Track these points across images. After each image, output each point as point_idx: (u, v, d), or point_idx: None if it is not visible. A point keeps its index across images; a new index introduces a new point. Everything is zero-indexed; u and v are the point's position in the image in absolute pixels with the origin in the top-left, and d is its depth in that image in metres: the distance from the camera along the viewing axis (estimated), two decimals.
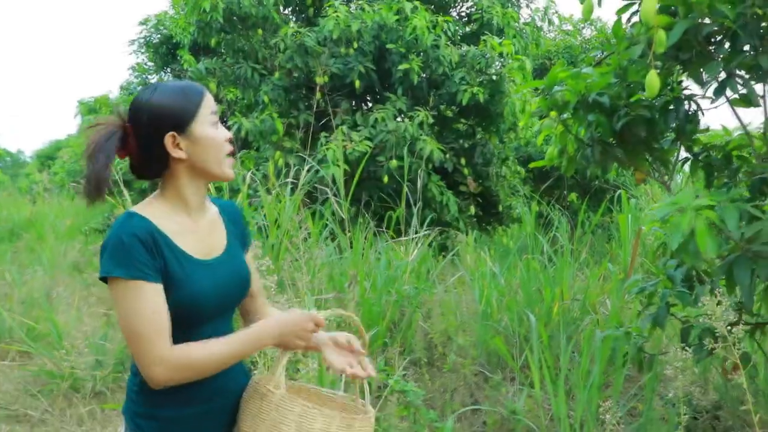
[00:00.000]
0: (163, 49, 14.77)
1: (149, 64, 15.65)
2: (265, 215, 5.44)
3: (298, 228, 5.11)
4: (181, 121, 1.66)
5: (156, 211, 1.69)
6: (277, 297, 3.70)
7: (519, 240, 8.69)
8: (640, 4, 2.95)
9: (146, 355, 1.55)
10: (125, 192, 5.65)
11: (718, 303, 2.29)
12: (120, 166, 12.24)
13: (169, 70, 15.39)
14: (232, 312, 1.88)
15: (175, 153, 1.67)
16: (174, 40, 13.80)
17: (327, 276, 5.07)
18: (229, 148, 1.73)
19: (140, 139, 1.67)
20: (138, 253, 1.57)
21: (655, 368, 3.65)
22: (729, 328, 3.40)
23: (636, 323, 3.82)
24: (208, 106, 1.70)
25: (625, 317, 4.96)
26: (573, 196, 10.28)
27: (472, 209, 8.84)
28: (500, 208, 9.38)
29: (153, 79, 16.11)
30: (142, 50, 15.10)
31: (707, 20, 2.55)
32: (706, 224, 2.45)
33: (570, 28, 14.99)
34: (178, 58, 13.25)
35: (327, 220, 6.06)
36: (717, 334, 3.31)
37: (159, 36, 14.68)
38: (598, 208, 8.91)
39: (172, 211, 1.71)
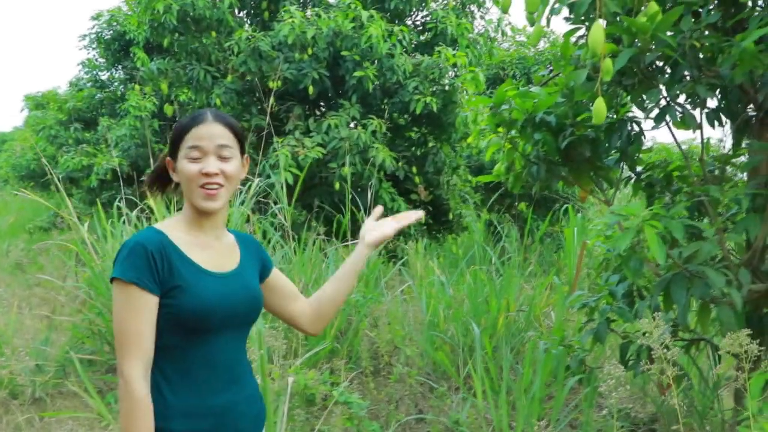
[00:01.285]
0: (116, 46, 14.51)
1: (100, 60, 15.35)
2: None
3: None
4: (172, 149, 1.85)
5: (174, 225, 1.84)
6: None
7: (468, 249, 8.78)
8: (586, 29, 3.04)
9: (119, 361, 1.68)
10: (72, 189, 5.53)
11: (655, 326, 2.34)
12: (67, 165, 12.03)
13: (120, 67, 15.14)
14: (244, 333, 1.93)
15: (172, 176, 1.87)
16: (127, 37, 13.57)
17: None
18: (203, 180, 1.80)
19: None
20: (139, 260, 1.69)
21: (594, 382, 3.74)
22: (664, 345, 3.51)
23: (578, 337, 3.91)
24: (192, 138, 1.80)
25: (569, 329, 5.07)
26: (523, 205, 10.44)
27: (423, 218, 8.88)
28: (450, 217, 9.46)
29: (103, 75, 15.83)
30: (94, 46, 14.79)
31: (650, 49, 2.62)
32: (654, 231, 2.52)
33: (524, 38, 15.18)
34: (131, 55, 13.05)
35: (275, 228, 6.04)
36: (653, 352, 3.43)
37: (111, 32, 14.41)
38: (547, 217, 9.07)
39: (188, 226, 1.85)
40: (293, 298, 2.10)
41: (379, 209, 2.28)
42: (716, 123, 3.11)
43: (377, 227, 2.18)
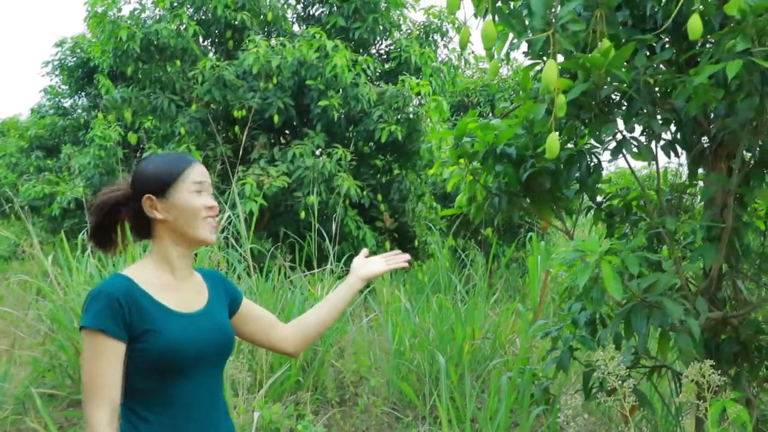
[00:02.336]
0: (79, 73, 14.39)
1: (63, 87, 15.21)
2: None
3: (213, 267, 5.05)
4: (160, 185, 1.83)
5: (141, 270, 1.84)
6: None
7: (434, 276, 8.82)
8: (544, 64, 3.11)
9: (85, 408, 1.69)
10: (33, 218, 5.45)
11: (610, 357, 2.37)
12: (29, 193, 11.85)
13: (84, 94, 15.01)
14: (218, 372, 1.93)
15: (151, 214, 1.84)
16: (91, 64, 13.47)
17: None
18: (207, 213, 1.87)
19: (130, 201, 1.87)
20: (106, 307, 1.70)
21: (557, 410, 3.76)
22: (621, 377, 3.56)
23: (542, 365, 3.93)
24: (193, 176, 1.86)
25: (534, 355, 5.10)
26: (489, 230, 10.52)
27: (388, 245, 8.92)
28: (416, 244, 9.50)
29: (66, 102, 15.68)
30: (57, 72, 14.66)
31: (604, 84, 2.69)
32: (611, 268, 2.57)
33: (487, 66, 15.41)
34: (95, 82, 12.94)
35: (242, 259, 6.00)
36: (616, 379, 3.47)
37: (75, 59, 14.31)
38: (512, 242, 9.15)
39: (157, 270, 1.86)
40: (271, 326, 2.11)
41: (365, 251, 2.38)
42: (672, 154, 3.19)
43: (367, 264, 2.27)
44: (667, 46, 3.10)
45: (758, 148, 2.95)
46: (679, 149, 3.26)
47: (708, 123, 3.17)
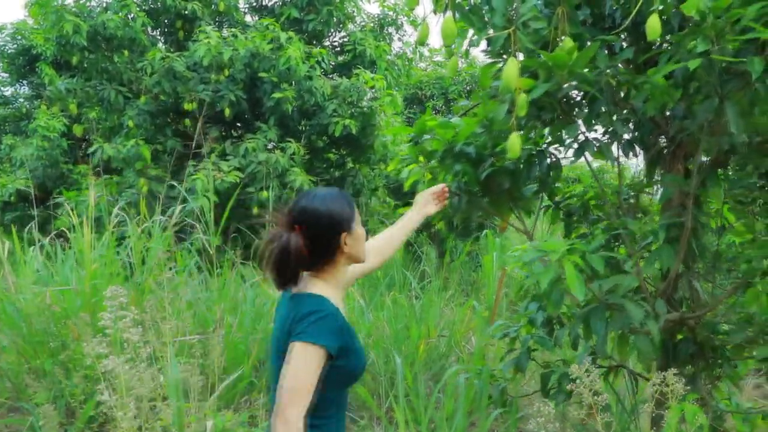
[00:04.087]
0: (21, 61, 13.92)
1: (3, 75, 14.69)
2: (131, 250, 5.19)
3: (164, 265, 4.90)
4: (349, 223, 2.07)
5: (325, 291, 2.05)
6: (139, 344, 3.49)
7: (388, 271, 8.76)
8: (504, 63, 3.05)
9: (288, 408, 1.86)
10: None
11: (587, 370, 2.35)
12: None
13: (26, 83, 14.54)
14: None
15: (345, 249, 2.06)
16: (34, 52, 13.03)
17: (192, 316, 4.87)
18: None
19: (316, 238, 2.02)
20: (331, 329, 1.94)
21: (515, 411, 3.74)
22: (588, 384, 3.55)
23: (500, 365, 3.90)
24: (356, 208, 2.15)
25: (491, 353, 5.08)
26: (441, 224, 10.49)
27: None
28: (367, 238, 9.41)
29: (7, 91, 15.15)
30: None
31: (567, 84, 2.65)
32: (574, 269, 2.54)
33: (441, 59, 15.39)
34: (38, 70, 12.53)
35: (194, 255, 5.85)
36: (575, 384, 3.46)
37: (16, 46, 13.82)
38: (465, 236, 9.14)
39: (335, 294, 2.08)
40: (357, 270, 2.39)
41: (442, 187, 2.81)
42: (630, 154, 3.18)
43: (427, 203, 2.75)
44: (624, 45, 3.08)
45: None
46: (637, 149, 3.25)
47: (666, 123, 3.16)
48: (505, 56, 2.95)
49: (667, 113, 3.12)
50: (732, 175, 3.45)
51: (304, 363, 1.89)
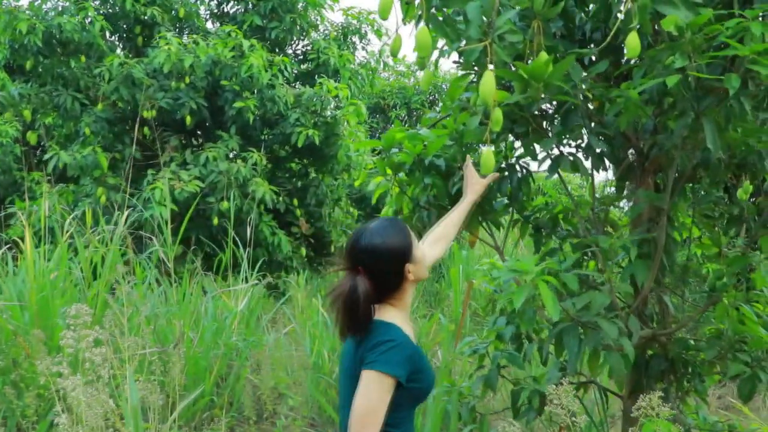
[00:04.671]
0: None
1: None
2: (79, 264, 5.01)
3: (123, 278, 4.74)
4: (410, 252, 2.14)
5: (393, 318, 2.10)
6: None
7: None
8: (476, 75, 3.00)
9: None
10: None
11: (567, 391, 2.30)
12: None
13: None
14: None
15: (410, 277, 2.13)
16: None
17: (152, 331, 4.72)
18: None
19: (380, 275, 2.09)
20: (404, 359, 1.99)
21: (486, 428, 3.68)
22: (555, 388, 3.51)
23: (468, 383, 3.84)
24: (411, 231, 2.19)
25: (457, 368, 5.02)
26: None
27: (303, 251, 8.73)
28: (332, 249, 9.33)
29: None
30: None
31: (541, 97, 2.60)
32: (549, 289, 2.49)
33: (403, 68, 15.38)
34: None
35: (152, 267, 5.69)
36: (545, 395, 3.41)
37: None
38: None
39: (403, 317, 2.15)
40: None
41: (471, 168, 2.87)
42: (600, 168, 3.15)
43: (479, 182, 2.82)
44: (593, 59, 3.05)
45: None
46: (607, 163, 3.22)
47: (636, 138, 3.14)
48: (476, 69, 2.90)
49: (639, 128, 3.10)
50: (699, 189, 3.46)
51: (376, 392, 1.96)
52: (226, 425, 4.46)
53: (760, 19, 2.40)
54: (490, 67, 2.43)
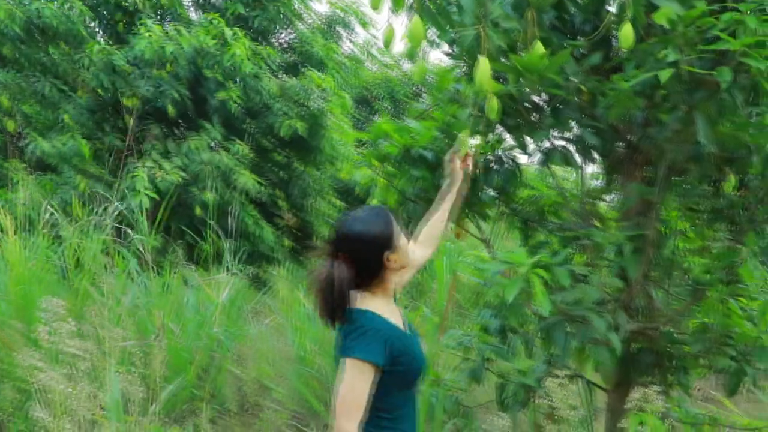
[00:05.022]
0: None
1: None
2: (63, 253, 4.93)
3: (105, 269, 4.67)
4: (391, 241, 2.16)
5: (374, 305, 2.14)
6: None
7: None
8: (467, 66, 2.97)
9: (343, 420, 1.98)
10: None
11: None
12: None
13: None
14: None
15: (390, 265, 2.16)
16: None
17: (133, 323, 4.65)
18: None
19: (360, 262, 2.11)
20: (376, 344, 2.03)
21: (472, 421, 3.66)
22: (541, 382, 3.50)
23: (454, 375, 3.83)
24: (395, 221, 2.21)
25: (440, 361, 5.00)
26: None
27: (287, 242, 8.68)
28: (316, 240, 9.28)
29: None
30: None
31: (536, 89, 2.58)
32: (540, 282, 2.47)
33: (389, 60, 15.31)
34: None
35: (133, 257, 5.61)
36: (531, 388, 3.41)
37: None
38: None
39: (384, 302, 2.19)
40: (414, 267, 2.45)
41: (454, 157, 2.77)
42: (589, 161, 3.14)
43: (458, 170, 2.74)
44: (582, 50, 3.03)
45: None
46: (595, 156, 3.21)
47: (626, 130, 3.13)
48: (466, 59, 2.87)
49: (628, 120, 3.09)
50: (686, 183, 3.45)
51: (354, 378, 2.00)
52: (207, 417, 4.42)
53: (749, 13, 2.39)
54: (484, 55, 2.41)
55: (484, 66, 2.33)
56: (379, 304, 2.15)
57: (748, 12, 2.27)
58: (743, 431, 3.66)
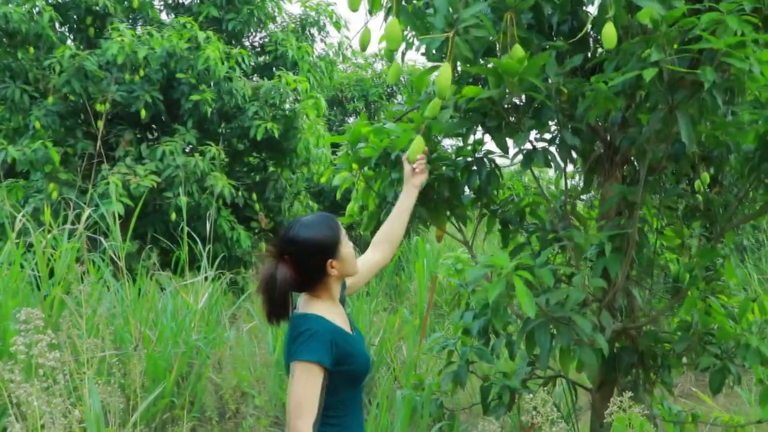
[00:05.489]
0: None
1: None
2: (36, 264, 4.83)
3: (80, 278, 4.58)
4: (334, 249, 2.24)
5: (320, 309, 2.22)
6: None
7: None
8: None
9: (296, 421, 2.06)
10: None
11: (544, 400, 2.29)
12: None
13: None
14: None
15: (332, 272, 2.24)
16: None
17: (110, 333, 4.56)
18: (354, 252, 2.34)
19: (303, 266, 2.21)
20: (321, 344, 2.10)
21: (457, 425, 3.65)
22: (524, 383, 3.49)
23: (438, 379, 3.81)
24: (342, 230, 2.28)
25: (422, 363, 4.98)
26: (363, 227, 10.36)
27: (263, 246, 8.60)
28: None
29: None
30: None
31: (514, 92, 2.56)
32: (524, 284, 2.46)
33: (361, 61, 15.28)
34: None
35: (106, 265, 5.52)
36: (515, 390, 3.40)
37: None
38: None
39: (328, 306, 2.27)
40: (365, 268, 2.55)
41: (406, 164, 2.76)
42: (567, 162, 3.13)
43: (414, 174, 2.72)
44: (559, 51, 3.02)
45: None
46: (574, 156, 3.20)
47: (605, 131, 3.13)
48: (444, 60, 2.86)
49: (606, 121, 3.09)
50: (665, 182, 3.46)
51: (303, 380, 2.08)
52: (187, 426, 4.35)
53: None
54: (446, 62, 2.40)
55: (445, 72, 2.33)
56: (323, 308, 2.23)
57: (727, 12, 2.27)
58: (725, 427, 3.69)
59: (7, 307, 4.43)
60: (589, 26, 2.84)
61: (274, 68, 9.08)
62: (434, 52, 2.80)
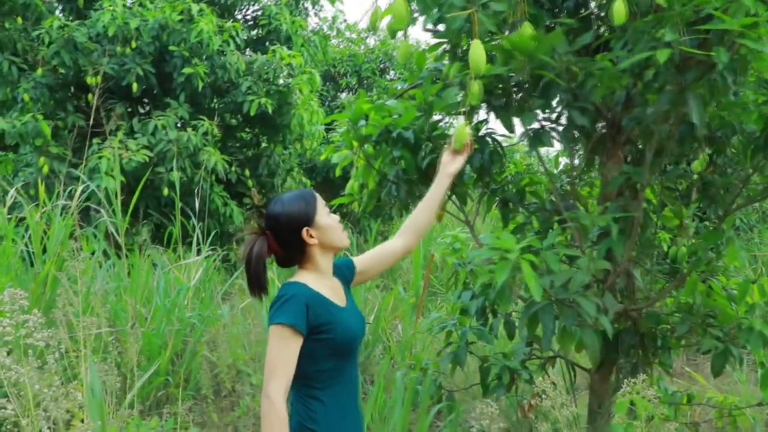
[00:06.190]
0: None
1: None
2: (30, 239, 4.76)
3: (74, 254, 4.52)
4: (309, 219, 2.28)
5: (307, 279, 2.26)
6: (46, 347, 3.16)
7: None
8: (450, 44, 2.90)
9: (267, 384, 2.07)
10: None
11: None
12: None
13: None
14: (358, 351, 2.41)
15: (311, 241, 2.27)
16: None
17: (105, 310, 4.51)
18: (338, 226, 2.35)
19: (281, 239, 2.27)
20: (296, 308, 2.12)
21: (458, 406, 3.64)
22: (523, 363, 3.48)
23: (437, 359, 3.79)
24: (321, 202, 2.34)
25: (418, 342, 4.97)
26: (356, 205, 10.33)
27: (254, 223, 8.55)
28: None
29: None
30: None
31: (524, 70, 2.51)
32: (531, 268, 2.43)
33: (354, 36, 15.15)
34: None
35: (100, 241, 5.46)
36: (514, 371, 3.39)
37: None
38: (377, 216, 9.03)
39: (316, 277, 2.29)
40: (384, 255, 2.62)
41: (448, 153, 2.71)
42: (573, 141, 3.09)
43: (453, 160, 2.68)
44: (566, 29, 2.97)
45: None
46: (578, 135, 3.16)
47: (608, 110, 3.09)
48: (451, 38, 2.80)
49: (610, 100, 3.05)
50: (665, 163, 3.44)
51: (276, 343, 2.10)
52: (185, 405, 4.33)
53: None
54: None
55: (478, 49, 2.28)
56: (309, 277, 2.28)
57: None
58: (719, 407, 3.70)
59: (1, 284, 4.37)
60: (593, 4, 2.80)
61: (267, 42, 8.98)
62: (451, 32, 2.75)
